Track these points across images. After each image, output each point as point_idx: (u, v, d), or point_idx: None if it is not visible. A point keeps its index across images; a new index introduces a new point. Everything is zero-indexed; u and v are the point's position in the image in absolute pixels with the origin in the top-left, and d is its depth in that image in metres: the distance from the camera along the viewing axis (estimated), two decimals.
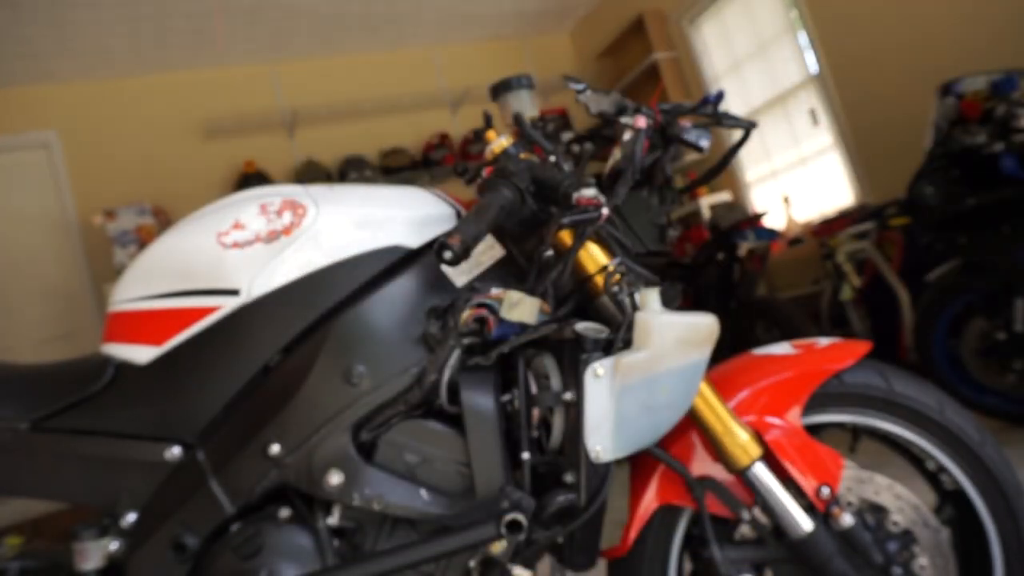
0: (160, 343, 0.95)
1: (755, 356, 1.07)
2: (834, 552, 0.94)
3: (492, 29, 5.32)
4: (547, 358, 0.92)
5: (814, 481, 0.95)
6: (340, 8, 4.44)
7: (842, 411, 1.02)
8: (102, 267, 4.19)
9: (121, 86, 4.54)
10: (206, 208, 1.00)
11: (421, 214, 0.98)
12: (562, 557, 0.94)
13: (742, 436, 0.94)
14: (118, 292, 0.99)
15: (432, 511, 0.88)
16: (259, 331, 0.93)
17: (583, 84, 1.03)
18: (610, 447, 0.86)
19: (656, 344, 0.85)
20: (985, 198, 2.32)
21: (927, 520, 1.00)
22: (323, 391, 0.89)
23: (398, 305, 0.92)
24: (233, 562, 0.88)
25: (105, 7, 3.79)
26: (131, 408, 0.95)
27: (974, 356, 2.48)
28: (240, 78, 4.81)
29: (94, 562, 0.90)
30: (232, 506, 0.89)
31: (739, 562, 0.98)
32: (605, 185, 1.00)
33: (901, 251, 3.16)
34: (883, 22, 3.51)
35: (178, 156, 4.57)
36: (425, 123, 5.13)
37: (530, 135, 1.01)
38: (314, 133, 4.90)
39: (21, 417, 0.94)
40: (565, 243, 0.97)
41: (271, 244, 0.92)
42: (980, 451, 1.01)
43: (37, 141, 4.32)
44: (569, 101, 5.30)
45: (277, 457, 0.88)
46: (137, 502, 0.93)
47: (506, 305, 0.85)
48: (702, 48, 4.74)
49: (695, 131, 1.07)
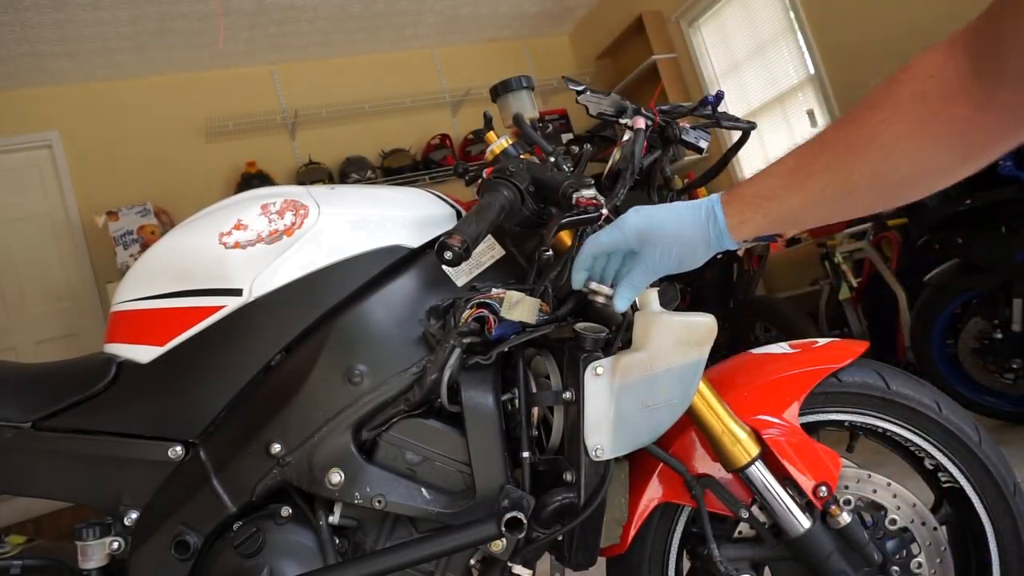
0: (162, 343, 0.95)
1: (753, 355, 1.08)
2: (832, 550, 0.94)
3: (492, 30, 5.33)
4: (547, 358, 0.93)
5: (812, 480, 0.96)
6: (341, 10, 4.45)
7: (840, 410, 1.03)
8: (104, 267, 4.20)
9: (123, 87, 4.54)
10: (208, 208, 1.01)
11: (421, 214, 0.98)
12: (562, 555, 0.94)
13: (741, 435, 0.94)
14: (120, 292, 1.00)
15: (432, 510, 0.88)
16: (261, 331, 0.93)
17: (582, 85, 1.03)
18: (609, 446, 0.86)
19: (655, 344, 0.85)
20: (982, 199, 2.33)
21: (925, 518, 1.01)
22: (324, 390, 0.90)
23: (399, 305, 0.92)
24: (234, 560, 0.89)
25: (107, 8, 3.80)
26: (133, 407, 0.95)
27: (971, 356, 2.48)
28: (242, 79, 4.81)
29: (96, 561, 0.90)
30: (233, 505, 0.90)
31: (738, 560, 0.99)
32: (605, 186, 1.00)
33: (899, 251, 3.17)
34: (881, 23, 3.52)
35: (180, 157, 4.58)
36: (426, 124, 5.13)
37: (530, 136, 1.02)
38: (315, 134, 4.90)
39: (24, 416, 0.95)
40: (565, 243, 0.97)
41: (273, 244, 0.93)
42: (977, 450, 1.01)
43: (39, 142, 4.32)
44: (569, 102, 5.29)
45: (278, 456, 0.89)
46: (139, 501, 0.93)
47: (506, 305, 0.86)
48: (701, 49, 4.75)
49: (694, 132, 1.07)
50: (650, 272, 0.80)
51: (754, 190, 0.73)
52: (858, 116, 0.66)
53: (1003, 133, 0.59)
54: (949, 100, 0.60)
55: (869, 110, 0.65)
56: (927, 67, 0.61)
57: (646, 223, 0.78)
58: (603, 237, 0.81)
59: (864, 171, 0.66)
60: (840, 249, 3.34)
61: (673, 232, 0.77)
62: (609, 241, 0.80)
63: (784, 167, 0.72)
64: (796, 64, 4.12)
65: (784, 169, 0.71)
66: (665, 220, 0.78)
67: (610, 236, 0.80)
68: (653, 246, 0.78)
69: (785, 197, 0.71)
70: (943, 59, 0.60)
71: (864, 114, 0.65)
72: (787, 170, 0.71)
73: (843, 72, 3.78)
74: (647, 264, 0.79)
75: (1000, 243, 2.32)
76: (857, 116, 0.66)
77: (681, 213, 0.77)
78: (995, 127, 0.59)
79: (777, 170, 0.72)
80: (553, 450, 0.92)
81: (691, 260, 0.78)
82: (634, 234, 0.79)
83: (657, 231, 0.78)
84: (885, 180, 0.66)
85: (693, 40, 4.75)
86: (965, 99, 0.59)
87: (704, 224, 0.76)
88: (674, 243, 0.77)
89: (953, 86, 0.59)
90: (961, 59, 0.59)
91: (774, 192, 0.72)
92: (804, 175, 0.69)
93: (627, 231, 0.79)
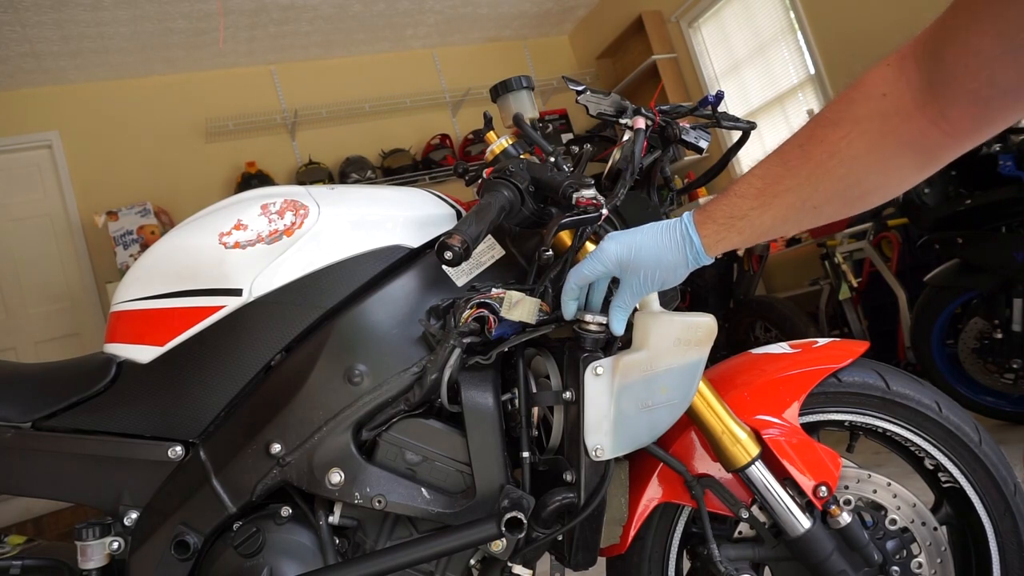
0: (162, 343, 0.95)
1: (753, 355, 1.08)
2: (832, 550, 0.94)
3: (492, 30, 5.33)
4: (547, 358, 0.93)
5: (812, 480, 0.96)
6: (341, 10, 4.45)
7: (840, 410, 1.03)
8: (104, 267, 4.20)
9: (123, 87, 4.54)
10: (208, 208, 1.01)
11: (421, 214, 0.98)
12: (562, 555, 0.94)
13: (740, 435, 0.94)
14: (121, 292, 1.00)
15: (432, 510, 0.88)
16: (261, 331, 0.93)
17: (582, 85, 1.03)
18: (609, 446, 0.86)
19: (655, 344, 0.85)
20: (982, 199, 2.33)
21: (925, 518, 1.01)
22: (324, 390, 0.90)
23: (399, 305, 0.92)
24: (234, 560, 0.89)
25: (107, 8, 3.80)
26: (133, 407, 0.95)
27: (971, 356, 2.49)
28: (242, 79, 4.81)
29: (96, 561, 0.90)
30: (234, 505, 0.90)
31: (738, 560, 0.99)
32: (605, 186, 1.00)
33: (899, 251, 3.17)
34: (881, 23, 3.52)
35: (180, 157, 4.58)
36: (426, 124, 5.13)
37: (530, 136, 1.02)
38: (315, 134, 4.91)
39: (24, 416, 0.95)
40: (565, 243, 0.97)
41: (273, 244, 0.93)
42: (977, 450, 1.01)
43: (39, 142, 4.32)
44: (569, 102, 5.30)
45: (278, 456, 0.89)
46: (139, 501, 0.93)
47: (506, 305, 0.86)
48: (701, 49, 4.75)
49: (694, 132, 1.07)
50: (636, 295, 0.83)
51: (724, 211, 0.76)
52: (818, 134, 0.68)
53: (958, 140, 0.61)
54: (904, 116, 0.62)
55: (829, 128, 0.67)
56: (879, 85, 0.63)
57: (625, 252, 0.81)
58: (584, 269, 0.83)
59: (828, 188, 0.69)
60: (840, 249, 3.35)
61: (652, 258, 0.80)
62: (591, 272, 0.83)
63: (751, 187, 0.74)
64: (796, 64, 4.13)
65: (751, 190, 0.74)
66: (642, 246, 0.80)
67: (591, 267, 0.83)
68: (635, 273, 0.81)
69: (755, 216, 0.74)
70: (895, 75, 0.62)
71: (824, 132, 0.68)
72: (754, 191, 0.74)
73: (843, 72, 3.78)
74: (632, 289, 0.82)
75: (1000, 243, 2.32)
76: (817, 134, 0.68)
77: (657, 237, 0.80)
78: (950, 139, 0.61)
79: (745, 190, 0.75)
80: (553, 450, 0.92)
81: (672, 280, 0.81)
82: (614, 263, 0.81)
83: (636, 258, 0.80)
84: (848, 194, 0.69)
85: (693, 40, 4.76)
86: (919, 114, 0.61)
87: (680, 246, 0.79)
88: (655, 268, 0.80)
89: (907, 102, 0.61)
90: (912, 74, 0.60)
91: (743, 212, 0.75)
92: (771, 195, 0.72)
93: (607, 262, 0.82)
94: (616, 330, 0.85)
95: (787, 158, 0.71)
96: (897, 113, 0.62)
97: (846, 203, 0.70)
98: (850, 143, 0.65)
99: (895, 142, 0.63)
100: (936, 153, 0.63)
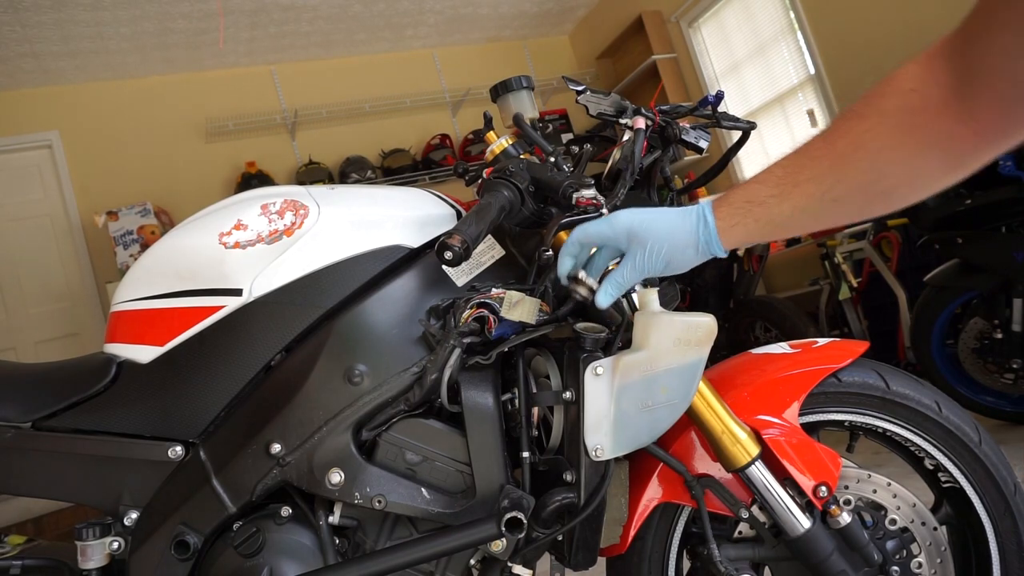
0: (162, 343, 0.95)
1: (753, 355, 1.08)
2: (832, 550, 0.94)
3: (492, 30, 5.33)
4: (547, 358, 0.93)
5: (812, 480, 0.96)
6: (341, 10, 4.45)
7: (840, 410, 1.03)
8: (104, 267, 4.21)
9: (123, 87, 4.54)
10: (208, 208, 1.01)
11: (421, 214, 0.98)
12: (562, 555, 0.94)
13: (740, 435, 0.94)
14: (121, 292, 1.00)
15: (432, 510, 0.88)
16: (261, 331, 0.93)
17: (582, 85, 1.03)
18: (609, 446, 0.86)
19: (655, 344, 0.85)
20: (982, 199, 2.33)
21: (925, 518, 1.01)
22: (324, 390, 0.90)
23: (399, 305, 0.92)
24: (234, 560, 0.89)
25: (107, 8, 3.80)
26: (133, 407, 0.95)
27: (971, 356, 2.49)
28: (242, 79, 4.81)
29: (96, 561, 0.90)
30: (234, 505, 0.90)
31: (738, 560, 0.99)
32: (605, 186, 1.00)
33: (899, 251, 3.17)
34: (881, 23, 3.52)
35: (180, 156, 4.58)
36: (426, 124, 5.14)
37: (530, 136, 1.02)
38: (315, 134, 4.91)
39: (24, 416, 0.95)
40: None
41: (273, 244, 0.93)
42: (977, 450, 1.01)
43: (39, 142, 4.32)
44: (569, 102, 5.31)
45: (278, 456, 0.89)
46: (139, 501, 0.93)
47: (506, 305, 0.86)
48: (701, 49, 4.75)
49: (694, 132, 1.07)
50: (637, 271, 0.80)
51: (743, 196, 0.75)
52: (843, 127, 0.67)
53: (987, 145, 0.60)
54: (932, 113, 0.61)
55: (854, 120, 0.66)
56: (908, 80, 0.62)
57: (637, 221, 0.79)
58: (591, 228, 0.81)
59: (850, 181, 0.67)
60: (840, 249, 3.35)
61: (663, 232, 0.78)
62: (596, 232, 0.81)
63: (772, 175, 0.73)
64: (796, 64, 4.12)
65: (772, 177, 0.73)
66: (656, 220, 0.79)
67: (598, 228, 0.81)
68: (642, 244, 0.79)
69: (773, 204, 0.72)
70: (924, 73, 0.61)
71: (849, 124, 0.66)
72: (775, 178, 0.72)
73: (843, 72, 3.78)
74: (635, 262, 0.79)
75: (1000, 243, 2.32)
76: (842, 127, 0.67)
77: (672, 215, 0.79)
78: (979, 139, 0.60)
79: (765, 177, 0.73)
80: (553, 450, 0.91)
81: (680, 262, 0.79)
82: (624, 231, 0.79)
83: (647, 230, 0.78)
84: (871, 190, 0.67)
85: (693, 40, 4.76)
86: (948, 113, 0.60)
87: (694, 227, 0.77)
88: (664, 243, 0.78)
89: (935, 100, 0.60)
90: (941, 74, 0.60)
91: (761, 199, 0.73)
92: (791, 184, 0.71)
93: (617, 227, 0.80)
94: (600, 302, 0.82)
95: (811, 149, 0.70)
96: (925, 110, 0.61)
97: (868, 199, 0.68)
98: (875, 136, 0.64)
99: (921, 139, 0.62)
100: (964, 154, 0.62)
